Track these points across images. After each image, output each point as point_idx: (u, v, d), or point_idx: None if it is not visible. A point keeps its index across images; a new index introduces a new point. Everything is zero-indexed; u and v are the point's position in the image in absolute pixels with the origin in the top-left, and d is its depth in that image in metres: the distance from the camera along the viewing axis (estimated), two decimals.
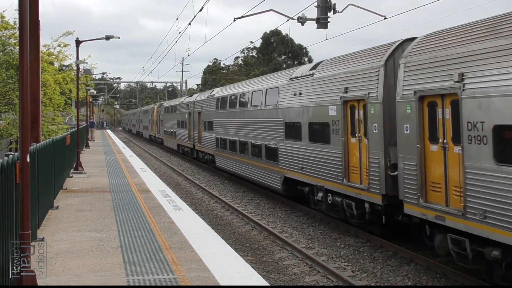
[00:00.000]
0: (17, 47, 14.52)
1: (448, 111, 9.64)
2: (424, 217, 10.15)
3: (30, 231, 6.01)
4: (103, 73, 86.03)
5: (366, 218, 12.86)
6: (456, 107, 9.27)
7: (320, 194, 14.70)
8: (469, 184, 8.86)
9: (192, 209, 13.18)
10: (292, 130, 16.71)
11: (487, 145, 8.49)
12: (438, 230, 10.03)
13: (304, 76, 16.15)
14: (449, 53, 9.50)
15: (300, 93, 16.07)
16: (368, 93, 12.13)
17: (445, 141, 9.71)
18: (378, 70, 11.95)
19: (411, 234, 12.03)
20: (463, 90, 8.94)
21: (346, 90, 13.16)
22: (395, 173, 11.26)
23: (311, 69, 15.95)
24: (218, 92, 27.74)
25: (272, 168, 18.32)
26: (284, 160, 17.15)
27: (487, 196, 8.51)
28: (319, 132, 14.87)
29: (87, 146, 34.98)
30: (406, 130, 10.65)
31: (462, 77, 8.96)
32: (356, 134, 12.85)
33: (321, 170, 14.46)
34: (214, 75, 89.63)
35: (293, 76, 17.20)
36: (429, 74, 9.93)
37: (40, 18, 13.19)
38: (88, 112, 44.16)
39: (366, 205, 12.48)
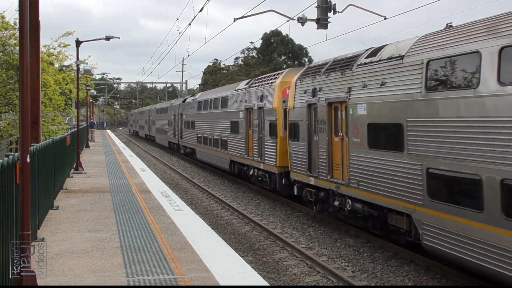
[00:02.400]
0: (17, 48, 14.50)
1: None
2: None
3: (30, 231, 6.01)
4: (103, 74, 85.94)
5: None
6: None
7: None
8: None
9: (192, 210, 13.19)
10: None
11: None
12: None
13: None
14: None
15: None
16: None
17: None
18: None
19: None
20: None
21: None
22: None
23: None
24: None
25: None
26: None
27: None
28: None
29: (87, 146, 35.00)
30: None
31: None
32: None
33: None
34: (214, 75, 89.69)
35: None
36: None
37: (40, 19, 13.20)
38: (88, 113, 44.14)
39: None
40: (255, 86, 20.84)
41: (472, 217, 8.62)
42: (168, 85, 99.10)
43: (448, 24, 10.42)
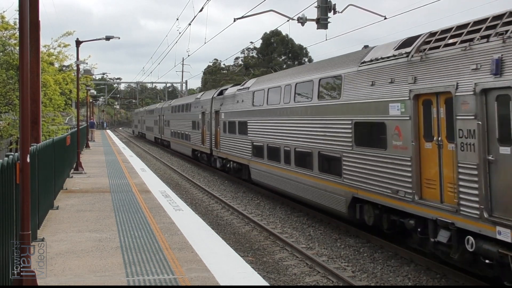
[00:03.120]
0: (17, 48, 14.50)
1: None
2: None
3: (30, 231, 6.01)
4: (103, 74, 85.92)
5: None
6: None
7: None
8: None
9: (192, 210, 13.18)
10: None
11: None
12: None
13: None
14: None
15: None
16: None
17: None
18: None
19: None
20: None
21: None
22: None
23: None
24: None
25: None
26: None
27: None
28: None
29: (87, 146, 35.00)
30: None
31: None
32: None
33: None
34: (214, 75, 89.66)
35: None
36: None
37: (40, 19, 13.20)
38: (88, 113, 44.14)
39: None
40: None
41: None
42: (168, 85, 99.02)
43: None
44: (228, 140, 24.23)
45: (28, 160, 5.98)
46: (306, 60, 78.52)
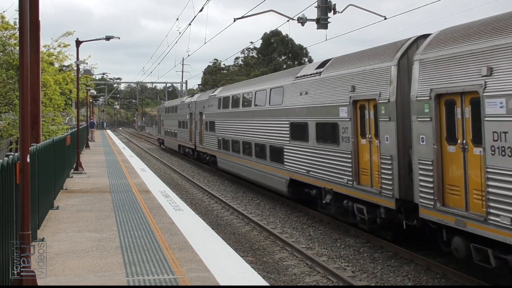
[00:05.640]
0: (17, 48, 14.50)
1: None
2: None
3: (30, 231, 6.01)
4: (103, 74, 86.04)
5: None
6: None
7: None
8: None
9: (192, 210, 13.17)
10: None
11: None
12: None
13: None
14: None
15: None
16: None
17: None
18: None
19: None
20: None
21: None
22: None
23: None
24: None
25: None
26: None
27: None
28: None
29: (87, 146, 34.98)
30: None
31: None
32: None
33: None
34: (214, 75, 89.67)
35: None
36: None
37: (40, 19, 13.20)
38: (88, 113, 44.13)
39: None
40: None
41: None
42: (168, 85, 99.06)
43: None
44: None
45: (28, 160, 5.98)
46: (306, 60, 78.49)
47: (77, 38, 22.69)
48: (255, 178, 20.62)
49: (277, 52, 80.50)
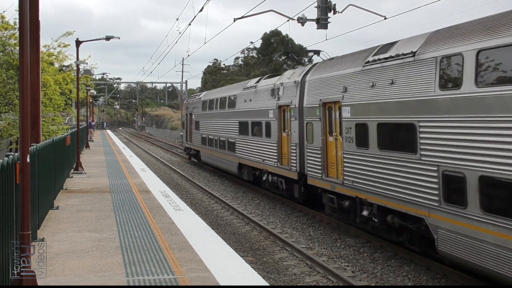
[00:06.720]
0: (17, 48, 14.49)
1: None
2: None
3: (30, 232, 6.01)
4: (103, 74, 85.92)
5: None
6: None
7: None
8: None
9: (192, 210, 13.16)
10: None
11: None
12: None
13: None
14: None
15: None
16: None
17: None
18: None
19: None
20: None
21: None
22: None
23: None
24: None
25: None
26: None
27: None
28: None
29: (87, 146, 34.99)
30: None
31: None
32: None
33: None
34: (214, 75, 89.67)
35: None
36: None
37: (40, 19, 13.20)
38: (88, 113, 44.14)
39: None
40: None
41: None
42: (168, 85, 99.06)
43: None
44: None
45: (28, 160, 5.97)
46: (306, 60, 78.45)
47: (77, 38, 22.69)
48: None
49: (277, 52, 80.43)
